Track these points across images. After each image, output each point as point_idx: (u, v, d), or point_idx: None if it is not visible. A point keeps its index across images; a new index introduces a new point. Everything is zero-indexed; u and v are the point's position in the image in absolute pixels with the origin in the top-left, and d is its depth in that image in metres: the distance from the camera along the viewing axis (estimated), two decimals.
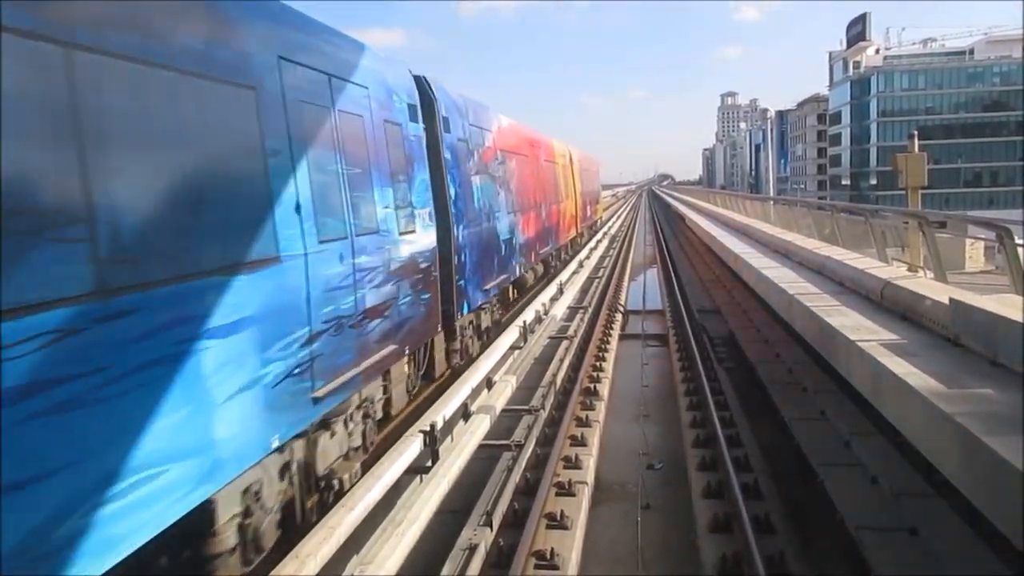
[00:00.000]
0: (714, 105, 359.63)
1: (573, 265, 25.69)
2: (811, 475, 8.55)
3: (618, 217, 69.82)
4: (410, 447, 7.86)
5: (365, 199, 7.71)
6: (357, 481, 7.18)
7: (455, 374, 11.31)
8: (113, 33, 4.34)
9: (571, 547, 6.97)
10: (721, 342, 16.48)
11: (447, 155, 11.26)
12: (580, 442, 9.61)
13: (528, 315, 15.42)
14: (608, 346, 15.36)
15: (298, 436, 6.34)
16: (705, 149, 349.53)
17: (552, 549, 6.77)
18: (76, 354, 3.84)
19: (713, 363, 14.31)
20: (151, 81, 4.65)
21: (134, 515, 4.16)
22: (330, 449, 7.08)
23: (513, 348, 13.65)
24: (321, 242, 6.46)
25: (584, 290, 23.00)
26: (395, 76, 9.66)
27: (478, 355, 12.30)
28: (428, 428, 8.23)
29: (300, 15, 7.01)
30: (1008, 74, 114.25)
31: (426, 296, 9.69)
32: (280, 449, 6.01)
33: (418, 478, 7.82)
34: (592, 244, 35.88)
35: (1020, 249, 8.94)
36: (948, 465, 5.79)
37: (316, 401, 6.31)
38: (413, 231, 9.25)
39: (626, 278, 27.07)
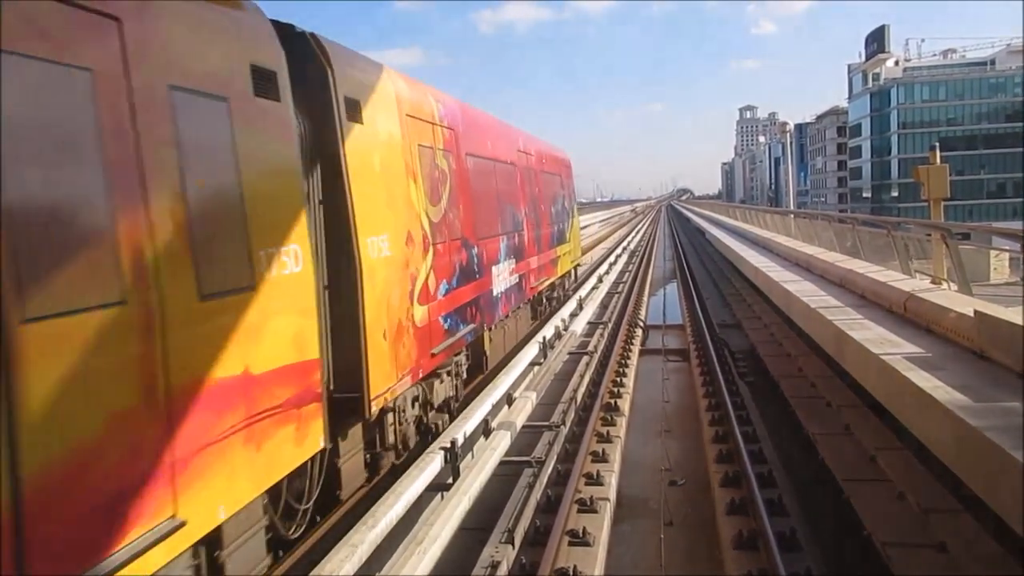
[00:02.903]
0: (733, 118, 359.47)
1: (592, 280, 25.65)
2: (837, 491, 8.45)
3: (637, 231, 69.76)
4: (431, 464, 7.85)
5: None
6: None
7: None
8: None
9: (594, 564, 6.92)
10: (743, 356, 16.36)
11: None
12: (601, 458, 9.56)
13: (548, 331, 15.40)
14: (628, 361, 15.29)
15: None
16: (724, 163, 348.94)
17: (575, 567, 6.72)
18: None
19: (735, 377, 14.21)
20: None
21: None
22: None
23: (533, 364, 13.63)
24: None
25: (604, 305, 22.95)
26: None
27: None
28: (449, 445, 8.23)
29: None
30: None
31: None
32: None
33: (439, 495, 7.80)
34: (612, 259, 35.79)
35: None
36: (976, 480, 5.71)
37: None
38: None
39: (646, 293, 26.94)
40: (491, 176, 12.81)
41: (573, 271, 23.40)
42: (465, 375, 11.26)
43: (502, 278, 12.81)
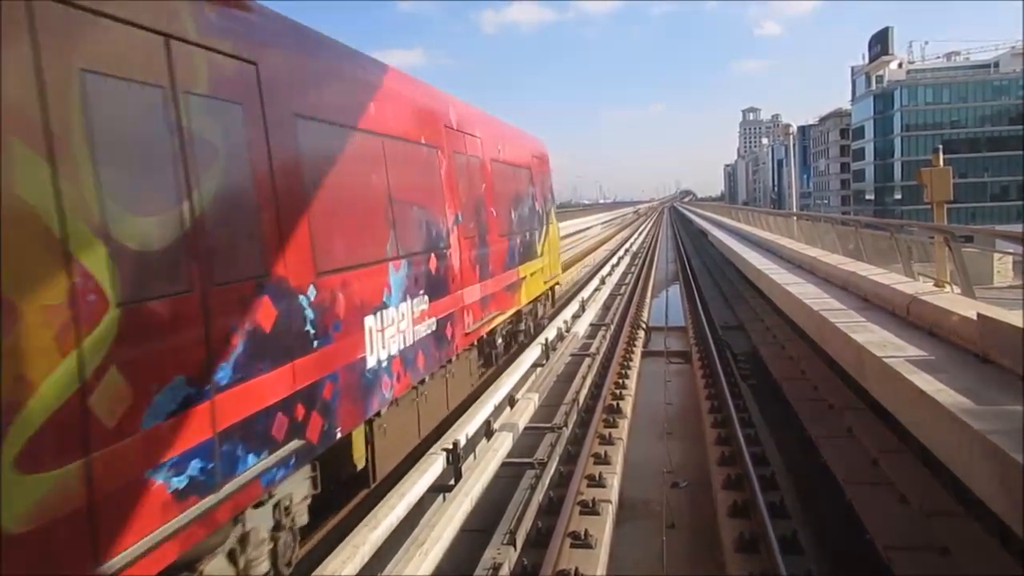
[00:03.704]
0: (736, 121, 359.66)
1: (595, 282, 25.68)
2: (839, 494, 8.44)
3: (639, 233, 70.03)
4: (433, 465, 7.89)
5: None
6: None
7: None
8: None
9: (596, 566, 6.91)
10: (745, 359, 16.36)
11: None
12: (603, 460, 9.56)
13: (550, 332, 15.42)
14: (631, 363, 15.30)
15: None
16: (727, 165, 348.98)
17: (576, 568, 6.72)
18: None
19: (737, 380, 14.20)
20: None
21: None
22: None
23: (535, 366, 13.65)
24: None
25: (606, 307, 22.97)
26: None
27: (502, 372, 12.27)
28: (451, 446, 8.26)
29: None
30: None
31: None
32: None
33: (441, 496, 7.84)
34: (614, 261, 35.85)
35: None
36: (979, 483, 5.70)
37: None
38: None
39: (648, 295, 26.92)
40: (368, 161, 7.70)
41: (550, 293, 18.50)
42: (297, 530, 6.29)
43: (396, 331, 7.89)
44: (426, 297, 8.89)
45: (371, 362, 7.20)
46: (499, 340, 13.69)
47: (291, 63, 6.37)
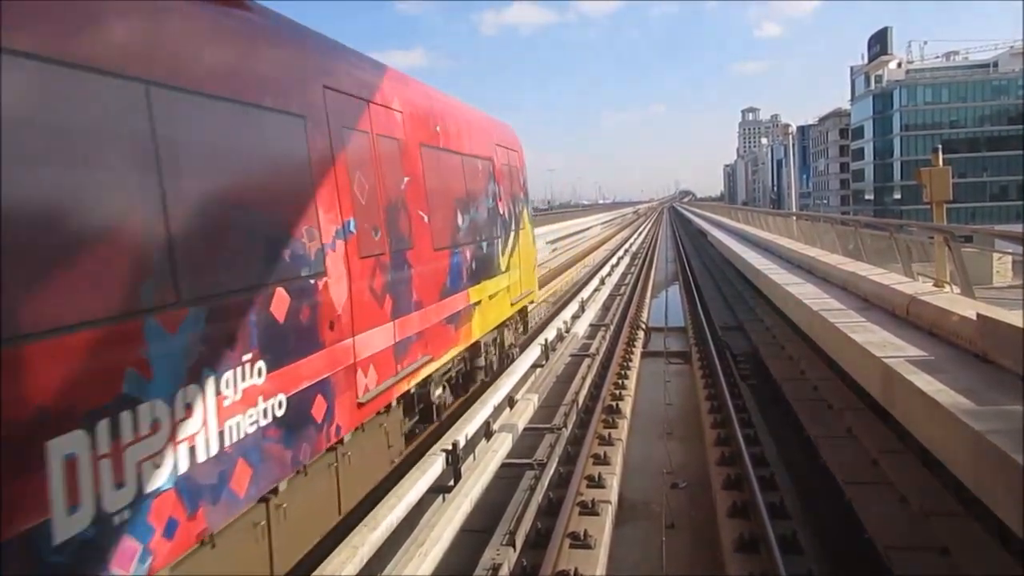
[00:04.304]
0: (735, 121, 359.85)
1: (595, 282, 25.68)
2: (838, 494, 8.43)
3: (639, 234, 70.19)
4: (432, 466, 7.88)
5: None
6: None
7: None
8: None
9: (595, 567, 6.90)
10: (744, 359, 16.34)
11: None
12: (603, 461, 9.54)
13: (550, 333, 15.41)
14: (630, 363, 15.28)
15: None
16: (726, 165, 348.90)
17: (576, 569, 6.71)
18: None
19: (737, 380, 14.19)
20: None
21: None
22: None
23: (535, 366, 13.65)
24: None
25: (606, 307, 22.96)
26: None
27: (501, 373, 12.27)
28: (450, 447, 8.26)
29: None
30: None
31: None
32: None
33: (440, 497, 7.83)
34: (614, 261, 35.88)
35: None
36: (978, 483, 5.69)
37: None
38: None
39: (648, 295, 26.91)
40: (90, 125, 4.11)
41: (519, 319, 15.29)
42: None
43: (165, 443, 4.38)
44: (260, 365, 5.39)
45: (69, 529, 3.71)
46: (438, 391, 10.28)
47: None
